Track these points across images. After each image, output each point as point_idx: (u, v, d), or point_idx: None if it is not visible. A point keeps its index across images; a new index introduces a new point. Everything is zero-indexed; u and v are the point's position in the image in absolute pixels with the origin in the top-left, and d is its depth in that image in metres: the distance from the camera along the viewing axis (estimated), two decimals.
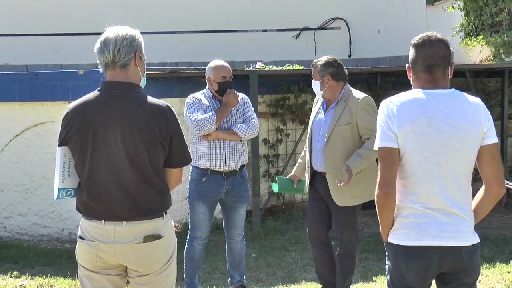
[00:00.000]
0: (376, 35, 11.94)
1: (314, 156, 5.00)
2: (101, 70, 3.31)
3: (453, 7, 9.36)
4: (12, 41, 11.77)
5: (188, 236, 5.37)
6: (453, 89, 3.08)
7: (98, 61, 3.29)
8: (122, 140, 3.15)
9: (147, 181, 3.20)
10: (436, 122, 2.96)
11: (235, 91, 5.22)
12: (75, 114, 3.23)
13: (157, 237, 3.24)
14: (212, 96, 5.27)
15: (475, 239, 3.04)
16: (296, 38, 12.42)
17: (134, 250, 3.21)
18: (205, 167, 5.17)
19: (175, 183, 3.39)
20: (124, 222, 3.19)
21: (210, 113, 5.09)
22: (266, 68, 8.22)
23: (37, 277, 6.17)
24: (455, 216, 2.99)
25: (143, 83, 3.36)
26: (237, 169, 5.23)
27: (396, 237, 3.05)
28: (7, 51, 11.59)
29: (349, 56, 12.08)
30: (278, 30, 12.39)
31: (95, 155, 3.17)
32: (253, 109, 5.41)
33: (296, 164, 5.35)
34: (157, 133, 3.17)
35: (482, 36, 9.30)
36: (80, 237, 3.29)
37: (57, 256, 6.91)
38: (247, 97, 5.47)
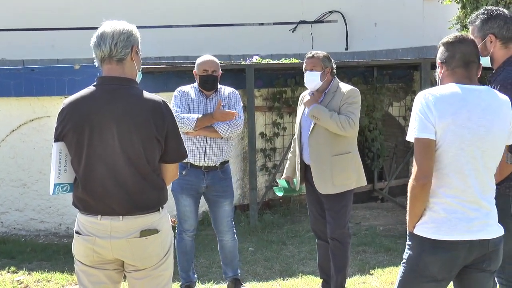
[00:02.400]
0: (373, 28, 11.91)
1: (304, 150, 5.07)
2: (96, 64, 3.29)
3: None
4: (8, 36, 11.73)
5: (176, 230, 5.39)
6: (487, 86, 3.18)
7: (94, 55, 3.28)
8: (118, 136, 3.15)
9: (143, 177, 3.20)
10: (475, 116, 3.04)
11: (227, 111, 5.20)
12: (71, 110, 3.22)
13: (153, 231, 3.24)
14: (199, 90, 5.31)
15: (500, 231, 3.15)
16: (292, 32, 12.38)
17: (130, 245, 3.21)
18: (186, 161, 5.18)
19: (171, 178, 3.40)
20: (120, 217, 3.19)
21: (193, 116, 5.11)
22: (263, 62, 8.21)
23: (35, 272, 6.17)
24: (483, 209, 3.08)
25: (138, 78, 3.35)
26: (217, 165, 5.24)
27: (424, 230, 3.09)
28: (3, 46, 11.55)
29: (346, 49, 12.05)
30: (274, 23, 12.35)
31: (91, 151, 3.17)
32: (241, 105, 5.38)
33: (286, 166, 5.40)
34: (153, 129, 3.17)
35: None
36: (77, 232, 3.29)
37: (55, 251, 6.91)
38: (237, 92, 5.44)
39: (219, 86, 5.35)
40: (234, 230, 5.50)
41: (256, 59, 8.27)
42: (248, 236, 7.25)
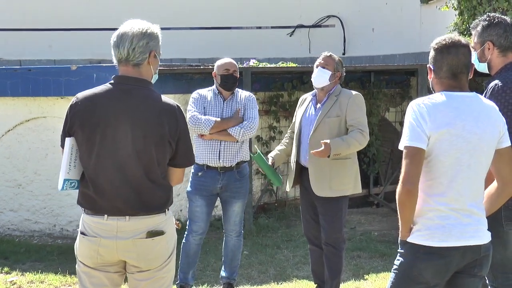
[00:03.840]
0: (370, 33, 11.92)
1: (303, 151, 5.04)
2: (114, 62, 3.29)
3: (447, 6, 9.34)
4: (6, 35, 11.71)
5: (186, 231, 5.42)
6: (474, 93, 3.15)
7: (112, 53, 3.26)
8: (132, 136, 3.15)
9: (152, 178, 3.21)
10: (469, 125, 3.03)
11: (241, 118, 5.29)
12: (84, 106, 3.20)
13: (160, 233, 3.24)
14: (218, 92, 5.36)
15: (489, 236, 3.15)
16: (290, 36, 12.40)
17: (136, 246, 3.20)
18: (202, 163, 5.27)
19: (176, 182, 3.40)
20: (127, 217, 3.18)
21: (211, 118, 5.19)
22: (260, 66, 8.20)
23: (28, 273, 6.15)
24: (475, 216, 3.09)
25: (154, 79, 3.37)
26: (233, 165, 5.29)
27: (418, 238, 3.09)
28: (0, 45, 11.54)
29: (343, 54, 12.05)
30: (272, 27, 12.36)
31: (102, 149, 3.16)
32: (257, 109, 5.42)
33: (277, 149, 5.32)
34: (166, 132, 3.18)
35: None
36: (82, 233, 3.26)
37: (48, 252, 6.89)
38: (254, 97, 5.51)
39: (236, 89, 5.42)
40: (242, 231, 5.54)
41: (253, 63, 8.26)
42: (243, 239, 7.22)
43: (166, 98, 3.29)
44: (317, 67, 5.04)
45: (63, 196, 7.58)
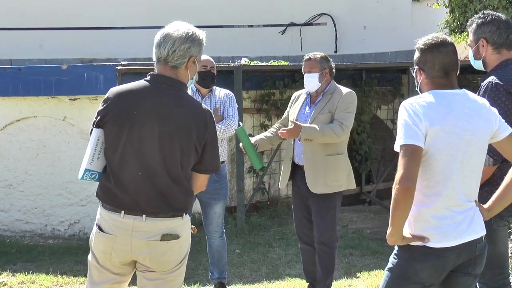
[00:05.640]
0: (362, 31, 11.94)
1: (297, 149, 5.02)
2: (154, 59, 3.29)
3: (438, 4, 9.36)
4: None
5: None
6: (463, 90, 3.14)
7: (153, 51, 3.27)
8: (159, 135, 3.14)
9: (174, 180, 3.18)
10: (461, 121, 3.01)
11: (220, 116, 5.21)
12: (117, 99, 3.20)
13: (175, 236, 3.21)
14: (196, 90, 5.32)
15: (483, 231, 3.14)
16: (282, 34, 12.40)
17: (150, 247, 3.17)
18: None
19: (199, 188, 3.38)
20: (144, 216, 3.15)
21: None
22: (251, 64, 8.20)
23: (19, 273, 6.12)
24: (469, 210, 3.07)
25: (189, 84, 3.35)
26: None
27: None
28: None
29: (335, 52, 12.08)
30: (264, 25, 12.36)
31: (129, 143, 3.15)
32: (236, 106, 5.39)
33: (263, 134, 5.23)
34: (194, 136, 3.17)
35: (466, 33, 9.29)
36: (99, 227, 3.24)
37: (40, 252, 6.87)
38: (232, 94, 5.45)
39: (214, 87, 5.37)
40: (224, 231, 5.49)
41: (245, 61, 8.25)
42: (235, 238, 7.23)
43: (198, 102, 3.31)
44: (304, 73, 5.03)
45: (54, 196, 7.56)
